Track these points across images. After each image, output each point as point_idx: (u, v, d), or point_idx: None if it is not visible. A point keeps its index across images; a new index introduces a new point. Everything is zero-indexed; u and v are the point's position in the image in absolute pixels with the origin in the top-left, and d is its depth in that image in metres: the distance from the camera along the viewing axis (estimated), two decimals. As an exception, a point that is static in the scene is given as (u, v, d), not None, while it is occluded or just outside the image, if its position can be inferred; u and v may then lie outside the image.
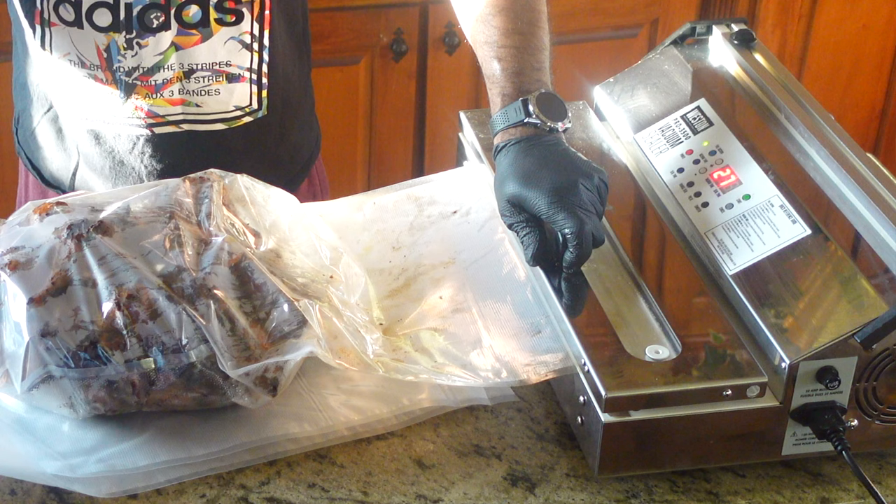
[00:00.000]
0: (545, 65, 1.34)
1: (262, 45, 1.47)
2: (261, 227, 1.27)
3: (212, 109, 1.48)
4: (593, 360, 1.14)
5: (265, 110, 1.51)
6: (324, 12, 2.31)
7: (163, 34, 1.42)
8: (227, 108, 1.49)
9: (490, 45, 1.34)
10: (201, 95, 1.47)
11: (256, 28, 1.45)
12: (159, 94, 1.46)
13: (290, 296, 1.18)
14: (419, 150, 2.51)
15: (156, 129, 1.48)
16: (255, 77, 1.48)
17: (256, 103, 1.50)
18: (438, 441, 1.22)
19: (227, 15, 1.43)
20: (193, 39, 1.43)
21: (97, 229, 1.18)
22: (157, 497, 1.14)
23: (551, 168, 1.25)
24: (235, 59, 1.46)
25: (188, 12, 1.41)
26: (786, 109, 1.39)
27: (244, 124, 1.50)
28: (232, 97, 1.48)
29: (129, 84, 1.45)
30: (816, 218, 1.25)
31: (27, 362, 1.14)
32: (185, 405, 1.18)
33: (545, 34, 1.36)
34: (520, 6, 1.36)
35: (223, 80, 1.46)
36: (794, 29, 2.62)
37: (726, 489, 1.18)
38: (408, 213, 1.43)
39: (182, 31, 1.42)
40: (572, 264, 1.23)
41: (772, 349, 1.16)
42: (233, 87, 1.47)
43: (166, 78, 1.45)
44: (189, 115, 1.48)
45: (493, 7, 1.36)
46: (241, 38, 1.45)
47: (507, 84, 1.31)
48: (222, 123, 1.49)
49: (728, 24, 1.54)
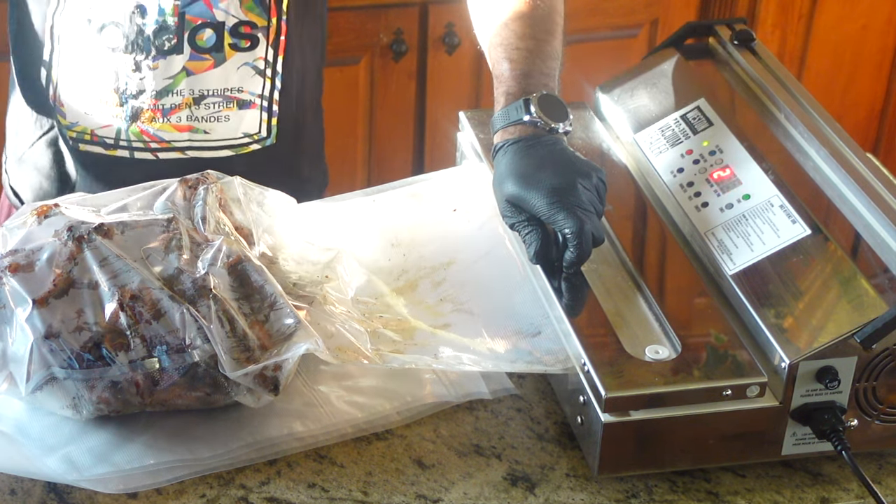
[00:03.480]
0: (554, 72, 1.35)
1: (276, 71, 1.45)
2: (255, 228, 1.27)
3: (220, 136, 1.46)
4: (593, 360, 1.14)
5: (274, 138, 1.49)
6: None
7: (174, 57, 1.40)
8: (236, 134, 1.46)
9: (504, 46, 1.35)
10: (210, 122, 1.44)
11: (271, 54, 1.44)
12: (166, 118, 1.43)
13: (285, 297, 1.18)
14: (419, 149, 2.51)
15: (160, 155, 1.45)
16: (266, 104, 1.46)
17: (266, 131, 1.48)
18: (438, 441, 1.22)
19: (241, 40, 1.41)
20: (206, 65, 1.41)
21: (97, 231, 1.18)
22: (157, 497, 1.14)
23: (550, 168, 1.25)
24: (247, 86, 1.44)
25: (202, 36, 1.40)
26: (786, 109, 1.39)
27: (251, 152, 1.48)
28: (241, 124, 1.46)
29: (136, 107, 1.42)
30: (816, 218, 1.25)
31: (31, 364, 1.14)
32: (189, 405, 1.18)
33: (559, 44, 1.37)
34: (539, 15, 1.37)
35: (234, 106, 1.44)
36: (794, 29, 2.62)
37: (726, 489, 1.18)
38: (407, 211, 1.43)
39: (195, 55, 1.40)
40: (572, 264, 1.23)
41: (772, 349, 1.16)
42: (243, 113, 1.45)
43: (175, 103, 1.42)
44: (196, 142, 1.46)
45: (513, 13, 1.36)
46: (254, 64, 1.43)
47: (512, 84, 1.32)
48: (229, 150, 1.47)
49: (728, 24, 1.54)
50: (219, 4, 1.39)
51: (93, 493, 1.14)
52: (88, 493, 1.14)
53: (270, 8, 1.42)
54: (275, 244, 1.29)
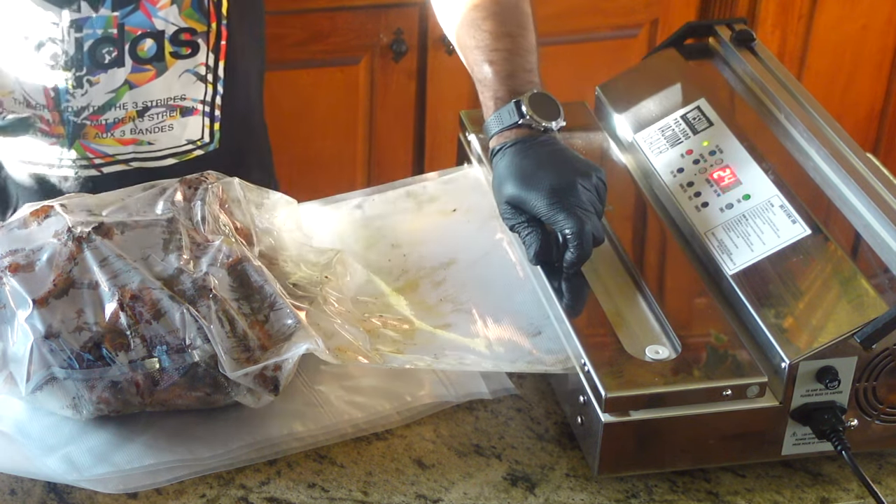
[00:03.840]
0: (535, 66, 1.34)
1: (217, 76, 1.43)
2: (255, 229, 1.27)
3: (164, 145, 1.43)
4: (593, 360, 1.14)
5: (217, 143, 1.47)
6: (324, 12, 2.31)
7: (116, 70, 1.37)
8: (180, 142, 1.44)
9: (481, 49, 1.34)
10: (154, 133, 1.42)
11: (212, 59, 1.41)
12: (110, 133, 1.40)
13: (285, 298, 1.18)
14: (419, 150, 2.51)
15: (104, 170, 1.42)
16: (209, 110, 1.44)
17: (209, 136, 1.46)
18: (438, 441, 1.22)
19: (182, 48, 1.39)
20: (148, 75, 1.39)
21: (97, 231, 1.18)
22: (157, 497, 1.14)
23: (549, 169, 1.25)
24: (190, 92, 1.42)
25: (143, 47, 1.37)
26: (786, 109, 1.39)
27: (195, 158, 1.46)
28: (185, 131, 1.44)
29: (78, 125, 1.39)
30: (816, 218, 1.25)
31: (31, 364, 1.14)
32: (189, 404, 1.18)
33: (533, 35, 1.37)
34: (508, 10, 1.36)
35: (177, 114, 1.42)
36: (794, 29, 2.62)
37: (726, 489, 1.18)
38: (407, 211, 1.43)
39: (136, 67, 1.38)
40: (573, 264, 1.23)
41: (772, 349, 1.16)
42: (186, 120, 1.43)
43: (118, 117, 1.40)
44: (140, 154, 1.43)
45: (482, 11, 1.36)
46: (196, 71, 1.41)
47: (499, 87, 1.31)
48: (173, 158, 1.45)
49: (728, 24, 1.54)
50: (158, 13, 1.36)
51: (93, 493, 1.14)
52: (88, 493, 1.14)
53: (210, 13, 1.39)
54: (274, 244, 1.29)
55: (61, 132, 1.39)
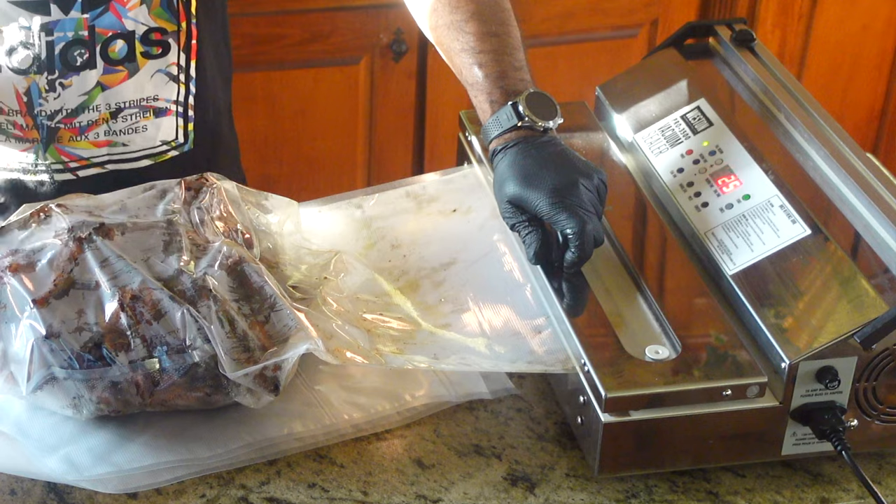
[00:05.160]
0: (524, 63, 1.33)
1: (189, 76, 1.42)
2: (255, 230, 1.27)
3: (138, 147, 1.43)
4: (593, 360, 1.14)
5: (191, 144, 1.46)
6: (324, 12, 2.31)
7: (88, 73, 1.36)
8: (154, 143, 1.43)
9: (468, 52, 1.33)
10: (128, 134, 1.41)
11: (183, 59, 1.41)
12: (84, 136, 1.39)
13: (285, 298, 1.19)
14: (419, 150, 2.51)
15: (80, 173, 1.42)
16: (182, 110, 1.43)
17: (183, 137, 1.45)
18: (438, 441, 1.22)
19: (153, 47, 1.38)
20: (120, 77, 1.38)
21: (98, 231, 1.18)
22: (157, 497, 1.14)
23: (551, 168, 1.25)
24: (162, 93, 1.41)
25: (114, 48, 1.36)
26: (786, 109, 1.39)
27: (170, 159, 1.45)
28: (159, 132, 1.43)
29: (52, 128, 1.38)
30: (816, 218, 1.25)
31: (31, 364, 1.14)
32: (189, 405, 1.18)
33: (517, 31, 1.36)
34: (489, 8, 1.35)
35: (150, 115, 1.41)
36: (794, 29, 2.62)
37: (726, 489, 1.18)
38: (407, 211, 1.43)
39: (108, 68, 1.37)
40: (573, 264, 1.23)
41: (772, 349, 1.16)
42: (159, 121, 1.42)
43: (91, 119, 1.39)
44: (115, 156, 1.42)
45: (463, 13, 1.35)
46: (167, 71, 1.40)
47: (493, 89, 1.31)
48: (148, 159, 1.44)
49: (728, 24, 1.54)
50: (128, 14, 1.35)
51: (93, 493, 1.14)
52: (88, 493, 1.14)
53: (179, 12, 1.38)
54: (274, 245, 1.29)
55: (35, 136, 1.39)
